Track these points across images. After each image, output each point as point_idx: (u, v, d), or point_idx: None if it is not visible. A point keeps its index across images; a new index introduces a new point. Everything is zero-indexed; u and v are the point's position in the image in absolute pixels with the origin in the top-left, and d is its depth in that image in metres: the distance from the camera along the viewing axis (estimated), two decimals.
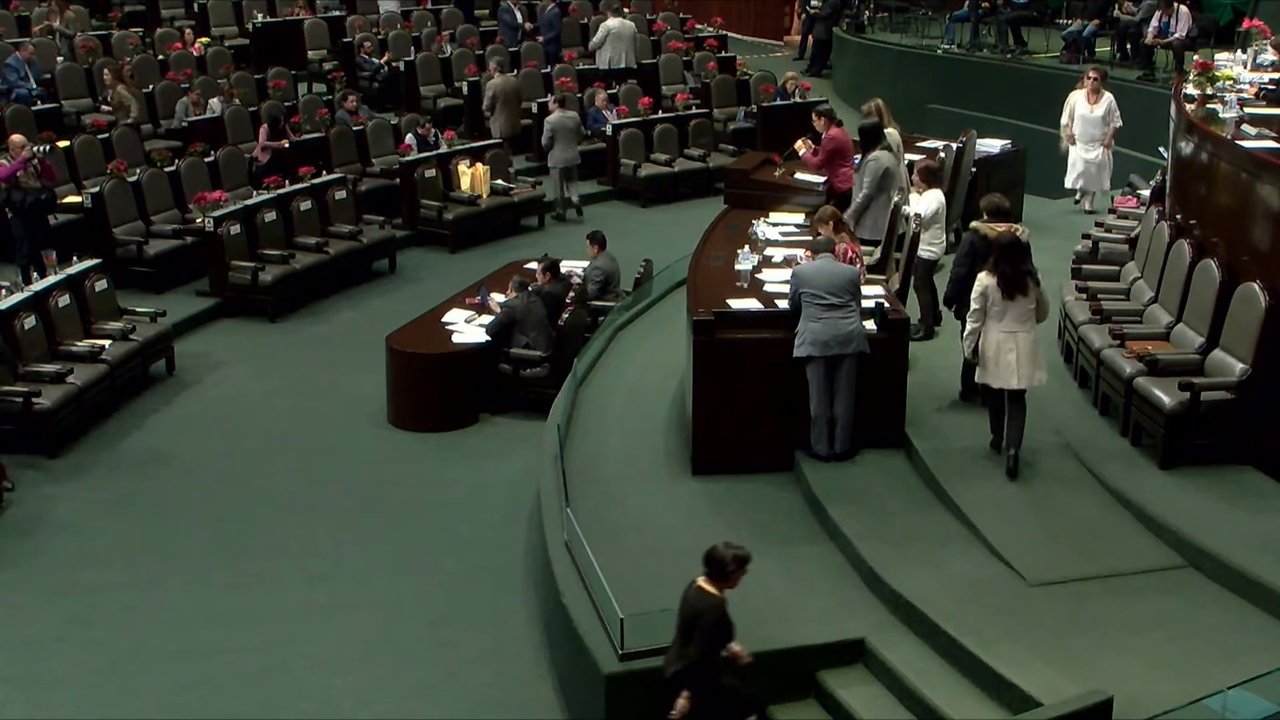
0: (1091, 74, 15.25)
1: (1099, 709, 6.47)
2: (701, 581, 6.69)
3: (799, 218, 11.67)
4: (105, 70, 17.74)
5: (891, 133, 11.94)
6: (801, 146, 12.26)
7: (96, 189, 14.42)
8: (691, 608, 6.66)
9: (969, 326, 8.90)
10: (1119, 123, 15.05)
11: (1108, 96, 15.03)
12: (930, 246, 10.88)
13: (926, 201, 10.83)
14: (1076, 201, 15.40)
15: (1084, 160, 15.07)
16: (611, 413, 10.46)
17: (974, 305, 8.79)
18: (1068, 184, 15.33)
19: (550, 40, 21.45)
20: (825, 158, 12.03)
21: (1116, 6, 19.49)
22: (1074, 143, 15.07)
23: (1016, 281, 8.68)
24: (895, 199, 11.09)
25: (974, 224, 9.72)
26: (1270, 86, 10.74)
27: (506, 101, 18.33)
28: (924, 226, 10.77)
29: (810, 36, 25.38)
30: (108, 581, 9.34)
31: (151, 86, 18.20)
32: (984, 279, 8.77)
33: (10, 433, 10.94)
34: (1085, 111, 15.03)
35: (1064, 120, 15.18)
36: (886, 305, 9.37)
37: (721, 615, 6.68)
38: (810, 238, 10.36)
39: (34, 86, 17.36)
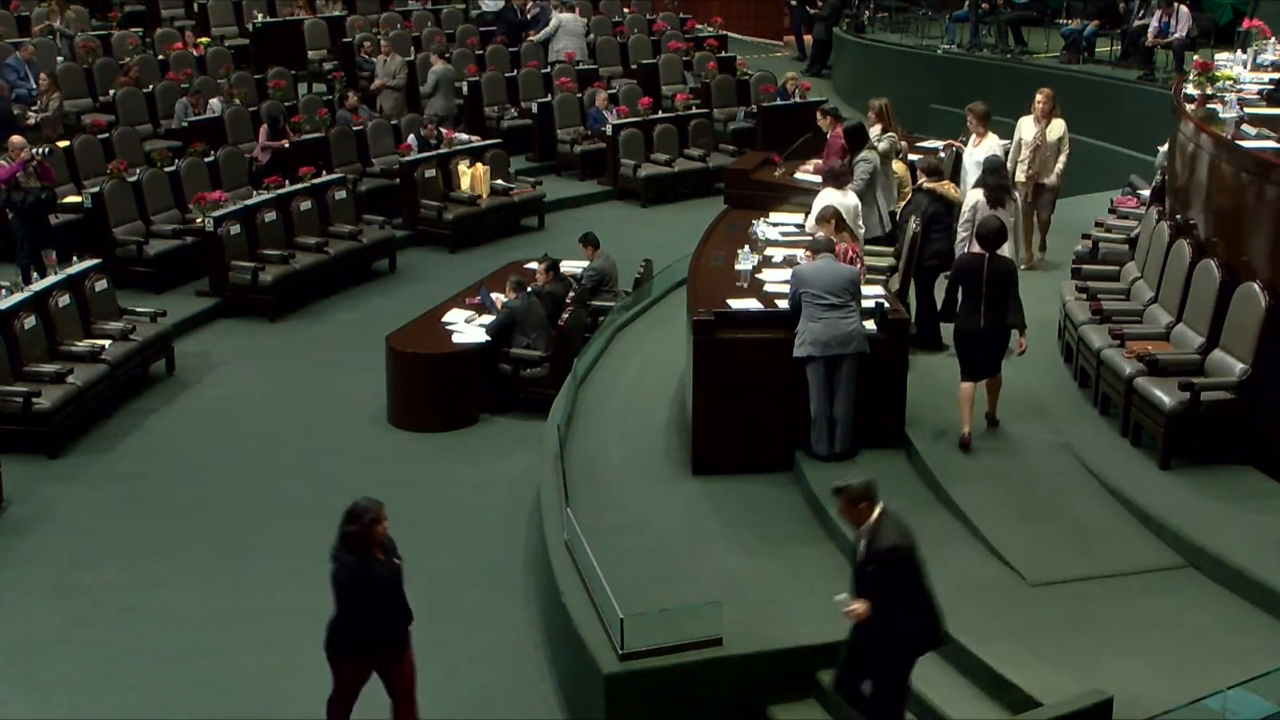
0: (970, 117, 12.01)
1: (1099, 709, 6.48)
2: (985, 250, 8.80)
3: (799, 218, 11.65)
4: (42, 74, 17.43)
5: (891, 136, 11.93)
6: (810, 169, 12.22)
7: (96, 189, 14.43)
8: (1004, 271, 8.97)
9: (959, 235, 10.53)
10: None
11: (991, 137, 11.89)
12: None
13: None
14: None
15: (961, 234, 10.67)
16: (611, 413, 10.46)
17: (964, 217, 10.49)
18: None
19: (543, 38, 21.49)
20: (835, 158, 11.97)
21: (1136, 12, 19.38)
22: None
23: (1000, 192, 10.47)
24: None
25: (927, 185, 10.80)
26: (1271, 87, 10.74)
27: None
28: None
29: (808, 36, 25.38)
30: (108, 581, 9.33)
31: (151, 86, 18.20)
32: (973, 194, 10.59)
33: (10, 433, 10.93)
34: (968, 159, 12.01)
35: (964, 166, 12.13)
36: (886, 305, 9.37)
37: None
38: (810, 238, 10.34)
39: (34, 86, 17.35)
